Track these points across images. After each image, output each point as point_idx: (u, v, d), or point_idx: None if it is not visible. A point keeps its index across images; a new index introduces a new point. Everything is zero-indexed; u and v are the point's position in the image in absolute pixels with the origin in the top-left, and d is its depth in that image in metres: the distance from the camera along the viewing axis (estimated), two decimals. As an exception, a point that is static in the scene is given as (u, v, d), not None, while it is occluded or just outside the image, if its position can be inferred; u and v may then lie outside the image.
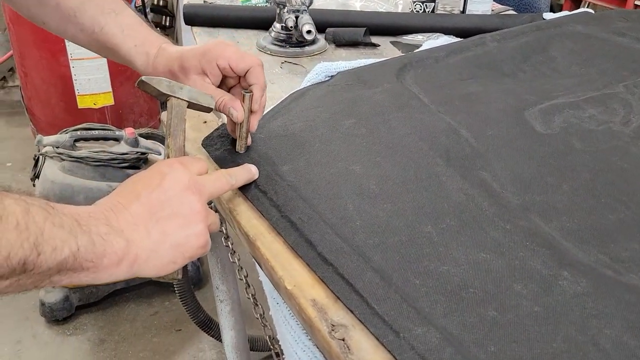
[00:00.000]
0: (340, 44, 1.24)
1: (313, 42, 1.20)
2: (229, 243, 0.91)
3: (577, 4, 3.15)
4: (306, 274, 0.59)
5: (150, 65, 0.75)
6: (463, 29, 1.26)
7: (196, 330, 1.60)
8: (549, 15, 1.28)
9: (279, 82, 1.06)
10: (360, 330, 0.52)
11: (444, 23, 1.28)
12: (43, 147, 1.78)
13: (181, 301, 1.47)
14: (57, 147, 1.74)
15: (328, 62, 1.00)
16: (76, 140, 1.77)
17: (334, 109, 0.87)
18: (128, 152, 1.77)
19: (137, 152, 1.78)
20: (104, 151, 1.75)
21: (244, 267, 0.88)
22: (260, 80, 0.72)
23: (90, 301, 1.85)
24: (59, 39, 2.10)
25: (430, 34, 1.26)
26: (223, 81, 0.75)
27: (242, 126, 0.73)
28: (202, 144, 0.80)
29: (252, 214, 0.68)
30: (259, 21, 1.31)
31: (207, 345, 1.77)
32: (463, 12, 1.39)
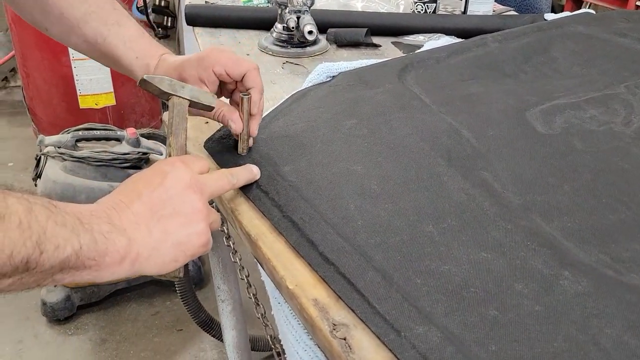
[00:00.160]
0: (342, 44, 1.24)
1: (314, 42, 1.20)
2: (231, 243, 0.91)
3: (578, 4, 3.16)
4: (308, 274, 0.59)
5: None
6: (464, 30, 1.26)
7: (197, 330, 1.61)
8: (550, 16, 1.28)
9: (280, 82, 1.06)
10: (362, 329, 0.52)
11: (445, 24, 1.29)
12: (45, 147, 1.79)
13: (182, 301, 1.47)
14: (58, 147, 1.75)
15: (329, 62, 1.00)
16: (78, 140, 1.78)
17: (335, 110, 0.87)
18: (129, 152, 1.77)
19: (139, 152, 1.78)
20: (105, 151, 1.75)
21: (245, 266, 0.88)
22: (257, 84, 0.73)
23: (92, 301, 1.85)
24: (60, 39, 2.11)
25: (432, 35, 1.27)
26: (221, 87, 0.76)
27: (242, 129, 0.74)
28: (204, 146, 0.80)
29: (253, 214, 0.68)
30: (260, 22, 1.32)
31: (209, 345, 1.78)
32: (464, 12, 1.39)
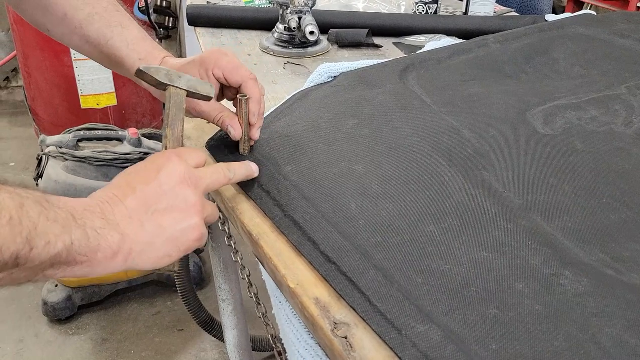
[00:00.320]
0: (343, 45, 1.24)
1: (316, 43, 1.20)
2: (232, 242, 0.91)
3: (579, 5, 3.16)
4: (309, 273, 0.59)
5: None
6: (465, 31, 1.26)
7: (198, 330, 1.61)
8: (551, 17, 1.29)
9: (281, 82, 1.07)
10: (363, 328, 0.52)
11: (446, 24, 1.29)
12: (46, 147, 1.79)
13: (183, 301, 1.48)
14: (60, 147, 1.75)
15: (331, 63, 1.01)
16: (79, 141, 1.78)
17: (336, 110, 0.87)
18: (131, 152, 1.77)
19: (140, 152, 1.79)
20: (107, 151, 1.75)
21: (246, 266, 0.88)
22: (254, 94, 0.72)
23: (93, 301, 1.86)
24: (62, 40, 2.11)
25: (433, 35, 1.27)
26: (223, 91, 0.76)
27: (242, 133, 0.74)
28: (205, 146, 0.81)
29: (255, 213, 0.69)
30: (262, 22, 1.32)
31: (209, 345, 1.78)
32: (465, 13, 1.39)
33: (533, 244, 0.60)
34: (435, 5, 1.35)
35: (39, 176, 1.79)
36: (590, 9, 2.70)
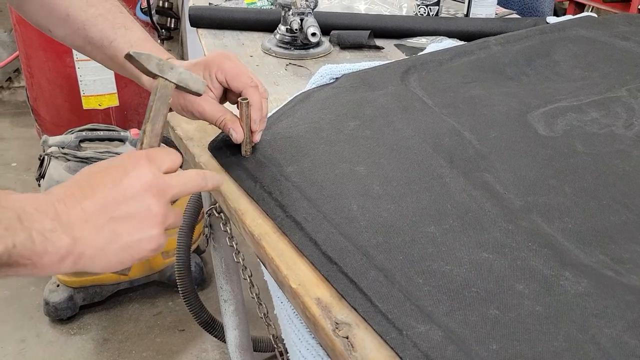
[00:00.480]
0: (345, 46, 1.25)
1: (318, 44, 1.21)
2: (233, 243, 0.91)
3: (580, 8, 3.16)
4: (311, 273, 0.60)
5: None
6: (467, 32, 1.27)
7: (199, 330, 1.61)
8: (552, 19, 1.29)
9: (283, 84, 1.07)
10: (364, 328, 0.53)
11: (448, 26, 1.29)
12: (48, 147, 1.80)
13: (184, 301, 1.47)
14: (62, 148, 1.76)
15: (332, 64, 1.01)
16: (81, 141, 1.79)
17: (338, 111, 0.87)
18: (133, 152, 1.77)
19: (142, 152, 1.79)
20: (109, 152, 1.76)
21: (247, 266, 0.89)
22: (254, 102, 0.72)
23: (94, 301, 1.86)
24: (65, 40, 2.12)
25: (434, 37, 1.27)
26: (225, 94, 0.76)
27: (245, 132, 0.74)
28: (208, 147, 0.81)
29: (257, 213, 0.69)
30: (264, 23, 1.32)
31: (210, 345, 1.78)
32: (467, 15, 1.40)
33: (533, 245, 0.60)
34: (437, 7, 1.35)
35: (41, 176, 1.79)
36: (591, 11, 2.70)
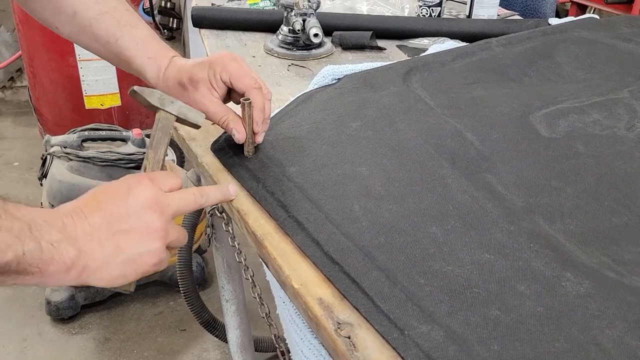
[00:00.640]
0: (347, 47, 1.25)
1: (320, 45, 1.21)
2: (235, 243, 0.92)
3: (582, 9, 3.16)
4: (313, 273, 0.60)
5: (160, 77, 0.77)
6: (469, 34, 1.27)
7: (200, 330, 1.61)
8: (554, 21, 1.29)
9: (285, 84, 1.07)
10: (366, 328, 0.53)
11: (450, 27, 1.29)
12: (51, 147, 1.80)
13: (186, 301, 1.48)
14: (64, 147, 1.76)
15: (335, 65, 1.01)
16: (84, 141, 1.79)
17: (340, 112, 0.88)
18: (135, 152, 1.78)
19: (144, 152, 1.79)
20: (111, 151, 1.76)
21: (249, 266, 0.89)
22: (256, 103, 0.73)
23: (96, 300, 1.87)
24: (67, 41, 2.13)
25: (437, 38, 1.27)
26: (230, 94, 0.77)
27: (247, 132, 0.74)
28: (210, 148, 0.81)
29: (259, 214, 0.69)
30: (266, 24, 1.33)
31: (212, 345, 1.78)
32: (469, 16, 1.40)
33: (535, 246, 0.61)
34: (439, 8, 1.36)
35: (43, 176, 1.80)
36: (593, 13, 2.70)
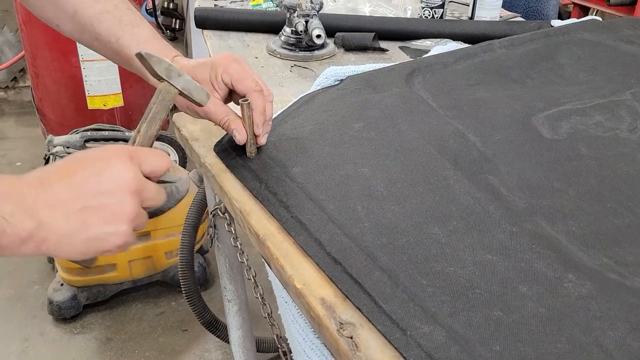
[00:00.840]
0: (350, 48, 1.25)
1: (322, 46, 1.21)
2: (238, 243, 0.92)
3: (585, 11, 3.16)
4: (315, 273, 0.60)
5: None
6: (471, 35, 1.27)
7: (202, 330, 1.61)
8: (557, 23, 1.29)
9: (288, 85, 1.07)
10: (368, 328, 0.53)
11: (452, 29, 1.30)
12: (54, 147, 1.80)
13: (188, 301, 1.48)
14: (67, 147, 1.76)
15: (337, 66, 1.01)
16: (86, 141, 1.79)
17: (343, 113, 0.88)
18: (137, 153, 1.78)
19: (146, 153, 1.80)
20: (113, 152, 1.76)
21: (252, 266, 0.89)
22: (257, 106, 0.73)
23: (98, 300, 1.87)
24: (70, 41, 2.12)
25: (439, 40, 1.28)
26: (231, 95, 0.77)
27: (248, 133, 0.74)
28: (213, 149, 0.81)
29: (262, 214, 0.69)
30: (269, 25, 1.33)
31: (213, 345, 1.79)
32: (471, 18, 1.40)
33: (537, 247, 0.61)
34: (441, 9, 1.36)
35: (46, 176, 1.80)
36: (595, 15, 2.70)
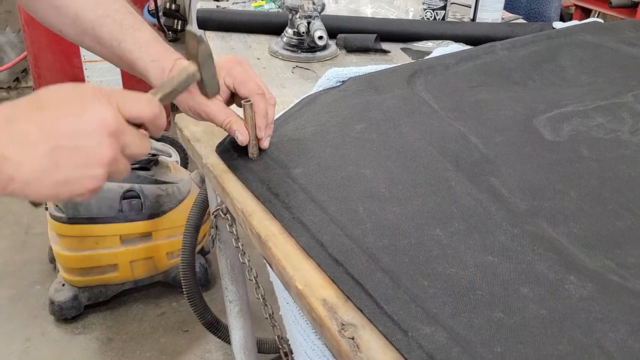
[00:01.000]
0: (351, 49, 1.25)
1: (324, 47, 1.21)
2: (239, 244, 0.92)
3: (587, 13, 3.16)
4: (317, 274, 0.60)
5: (164, 79, 0.77)
6: (473, 37, 1.27)
7: (203, 331, 1.62)
8: (558, 25, 1.29)
9: (290, 86, 1.08)
10: (370, 329, 0.53)
11: (454, 30, 1.30)
12: (56, 147, 1.80)
13: (189, 302, 1.48)
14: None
15: (339, 67, 1.02)
16: (88, 141, 1.79)
17: (345, 114, 0.88)
18: (139, 153, 1.78)
19: (148, 153, 1.80)
20: (115, 152, 1.76)
21: (253, 267, 0.89)
22: (259, 110, 0.73)
23: (99, 300, 1.87)
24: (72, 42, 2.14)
25: (441, 41, 1.28)
26: (233, 98, 0.77)
27: (250, 134, 0.75)
28: (215, 150, 0.82)
29: (264, 215, 0.69)
30: (271, 26, 1.33)
31: (214, 346, 1.79)
32: (473, 20, 1.40)
33: (538, 249, 0.61)
34: (443, 11, 1.36)
35: (48, 176, 1.80)
36: (597, 17, 2.70)
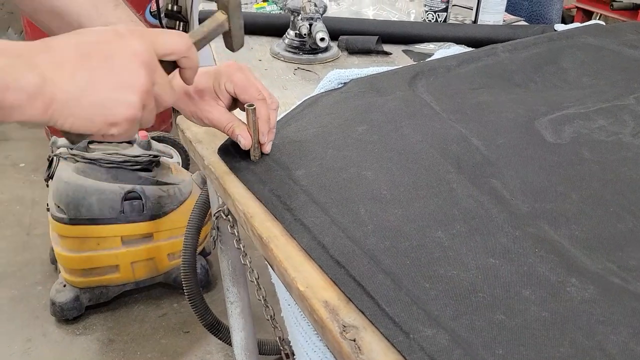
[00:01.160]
0: (353, 51, 1.25)
1: (326, 49, 1.21)
2: (241, 245, 0.92)
3: (588, 15, 3.16)
4: (318, 276, 0.60)
5: None
6: (475, 39, 1.27)
7: (204, 332, 1.62)
8: (560, 27, 1.29)
9: (291, 88, 1.08)
10: (371, 331, 0.53)
11: (456, 33, 1.30)
12: (57, 148, 1.81)
13: (190, 303, 1.48)
14: (71, 149, 1.77)
15: (341, 69, 1.02)
16: (90, 142, 1.80)
17: (346, 116, 0.88)
18: (141, 154, 1.79)
19: (150, 154, 1.80)
20: (117, 153, 1.77)
21: (254, 269, 0.89)
22: (261, 115, 0.74)
23: (100, 301, 1.87)
24: (74, 43, 2.14)
25: (442, 43, 1.28)
26: (235, 103, 0.77)
27: (253, 138, 0.75)
28: (217, 152, 0.82)
29: (265, 216, 0.69)
30: (272, 28, 1.33)
31: (215, 347, 1.79)
32: (475, 22, 1.40)
33: (540, 251, 0.61)
34: (445, 13, 1.36)
35: (50, 177, 1.80)
36: (599, 19, 2.70)
